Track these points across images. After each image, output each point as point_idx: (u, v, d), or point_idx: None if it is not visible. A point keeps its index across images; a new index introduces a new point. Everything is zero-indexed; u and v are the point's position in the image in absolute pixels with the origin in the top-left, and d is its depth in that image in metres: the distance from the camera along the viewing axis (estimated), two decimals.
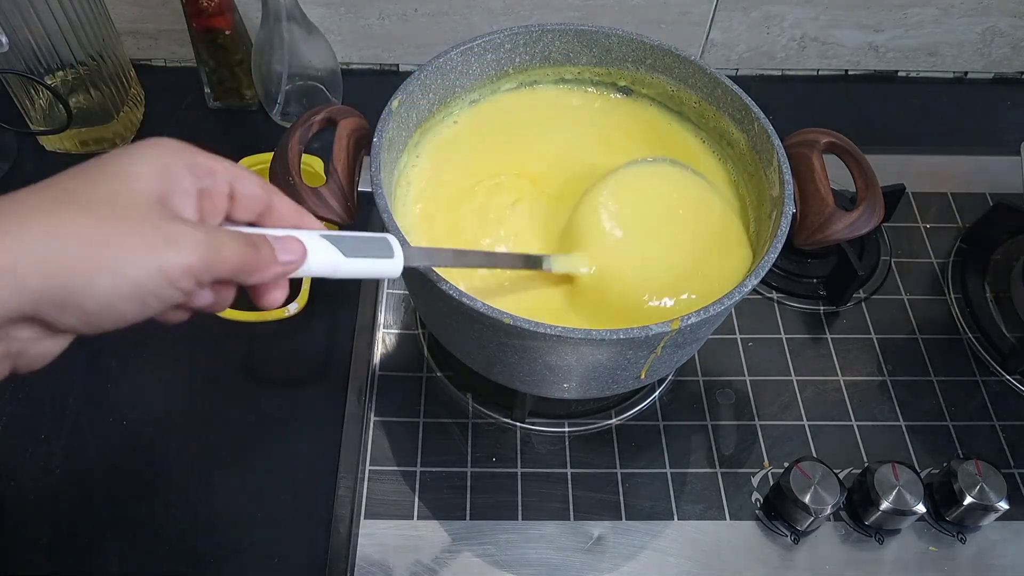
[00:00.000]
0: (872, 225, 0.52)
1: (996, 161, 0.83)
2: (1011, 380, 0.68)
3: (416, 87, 0.57)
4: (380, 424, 0.64)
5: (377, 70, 0.91)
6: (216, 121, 0.86)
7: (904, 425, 0.66)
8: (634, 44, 0.60)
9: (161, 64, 0.90)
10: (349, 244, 0.38)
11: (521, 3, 0.84)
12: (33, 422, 0.63)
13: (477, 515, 0.60)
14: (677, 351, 0.52)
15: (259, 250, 0.35)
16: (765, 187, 0.56)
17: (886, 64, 0.92)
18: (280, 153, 0.51)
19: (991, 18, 0.87)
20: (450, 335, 0.56)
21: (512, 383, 0.56)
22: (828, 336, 0.71)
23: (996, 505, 0.57)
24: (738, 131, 0.59)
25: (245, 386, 0.67)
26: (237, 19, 0.79)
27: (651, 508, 0.61)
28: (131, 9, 0.84)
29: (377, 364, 0.68)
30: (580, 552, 0.58)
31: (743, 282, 0.48)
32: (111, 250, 0.29)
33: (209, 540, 0.58)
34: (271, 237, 0.36)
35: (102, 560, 0.57)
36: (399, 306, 0.71)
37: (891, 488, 0.57)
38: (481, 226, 0.57)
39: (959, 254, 0.76)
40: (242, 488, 0.61)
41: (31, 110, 0.77)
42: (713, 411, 0.66)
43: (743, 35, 0.88)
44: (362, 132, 0.54)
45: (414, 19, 0.85)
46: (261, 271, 0.35)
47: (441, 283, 0.46)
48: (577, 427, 0.65)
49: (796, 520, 0.58)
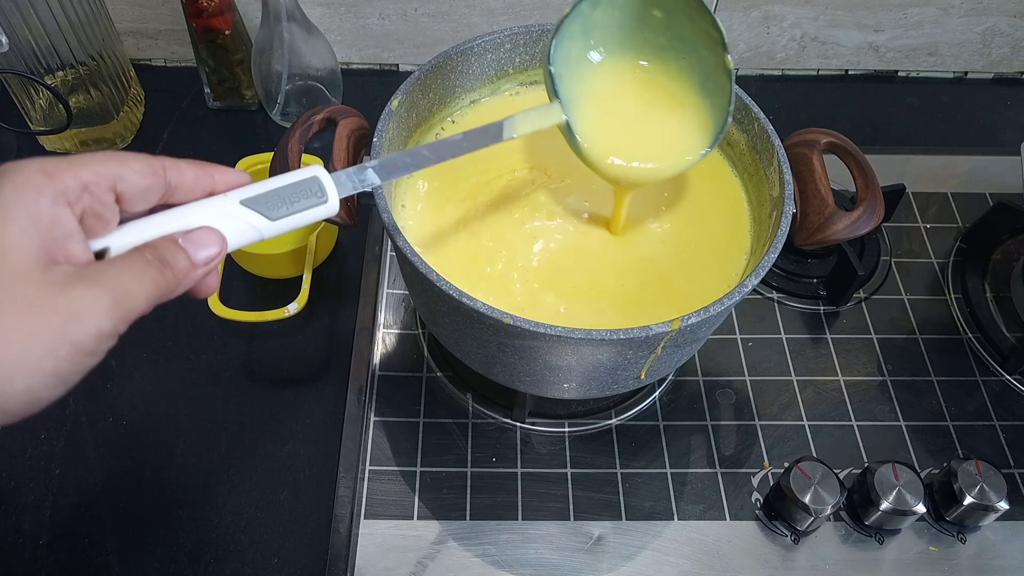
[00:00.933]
0: (872, 225, 0.52)
1: (996, 161, 0.83)
2: (1011, 380, 0.68)
3: (416, 87, 0.57)
4: (380, 424, 0.64)
5: (377, 70, 0.91)
6: (216, 121, 0.86)
7: (904, 425, 0.66)
8: None
9: (161, 64, 0.90)
10: (273, 201, 0.34)
11: (521, 3, 0.84)
12: (33, 422, 0.63)
13: (477, 515, 0.60)
14: (677, 351, 0.52)
15: (172, 265, 0.32)
16: (765, 187, 0.56)
17: (886, 64, 0.92)
18: (280, 153, 0.51)
19: (991, 18, 0.87)
20: (450, 335, 0.56)
21: (512, 383, 0.56)
22: (828, 336, 0.71)
23: (996, 505, 0.57)
24: (738, 131, 0.59)
25: (245, 386, 0.67)
26: (237, 19, 0.79)
27: (651, 508, 0.61)
28: (131, 9, 0.84)
29: (377, 364, 0.68)
30: (580, 552, 0.58)
31: (743, 282, 0.48)
32: (16, 353, 0.27)
33: (209, 540, 0.58)
34: (182, 235, 0.32)
35: (102, 560, 0.57)
36: (399, 306, 0.71)
37: (891, 488, 0.57)
38: (487, 217, 0.57)
39: (959, 254, 0.76)
40: (242, 488, 0.61)
41: (31, 110, 0.77)
42: (713, 411, 0.66)
43: (743, 35, 0.88)
44: (362, 132, 0.54)
45: (414, 19, 0.85)
46: (183, 283, 0.32)
47: (441, 282, 0.46)
48: (577, 427, 0.65)
49: (796, 520, 0.58)
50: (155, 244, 0.32)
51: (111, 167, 0.31)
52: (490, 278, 0.54)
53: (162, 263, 0.31)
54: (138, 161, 0.32)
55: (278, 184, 0.35)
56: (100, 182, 0.31)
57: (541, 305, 0.53)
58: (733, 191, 0.60)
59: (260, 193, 0.34)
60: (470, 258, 0.55)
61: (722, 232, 0.57)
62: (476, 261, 0.55)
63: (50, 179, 0.30)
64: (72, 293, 0.29)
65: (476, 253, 0.55)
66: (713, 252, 0.56)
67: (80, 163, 0.31)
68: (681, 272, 0.55)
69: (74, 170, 0.30)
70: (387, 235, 0.51)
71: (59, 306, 0.28)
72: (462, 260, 0.55)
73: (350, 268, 0.74)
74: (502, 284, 0.54)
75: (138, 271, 0.30)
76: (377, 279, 0.72)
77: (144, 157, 0.33)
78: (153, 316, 0.32)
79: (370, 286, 0.72)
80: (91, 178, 0.31)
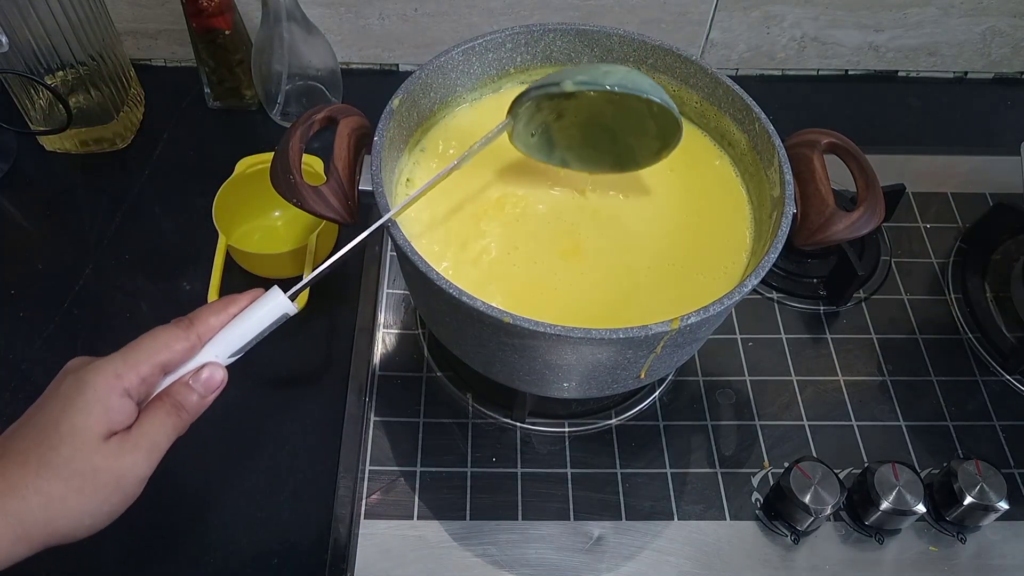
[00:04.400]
0: (872, 225, 0.52)
1: (996, 161, 0.83)
2: (1011, 380, 0.68)
3: (417, 86, 0.57)
4: (380, 424, 0.64)
5: (377, 70, 0.91)
6: (216, 121, 0.86)
7: (904, 425, 0.66)
8: (635, 44, 0.60)
9: (161, 64, 0.90)
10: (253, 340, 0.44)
11: (521, 3, 0.84)
12: None
13: (477, 515, 0.60)
14: (677, 351, 0.52)
15: (185, 406, 0.42)
16: (766, 187, 0.56)
17: (886, 64, 0.92)
18: (281, 152, 0.51)
19: (991, 18, 0.87)
20: (450, 334, 0.56)
21: (512, 382, 0.56)
22: (828, 336, 0.71)
23: (996, 505, 0.57)
24: (739, 131, 0.59)
25: (245, 386, 0.67)
26: (237, 19, 0.79)
27: (651, 508, 0.61)
28: (131, 9, 0.84)
29: (377, 364, 0.68)
30: (580, 552, 0.58)
31: (743, 282, 0.48)
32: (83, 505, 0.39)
33: (209, 540, 0.58)
34: (191, 376, 0.43)
35: (102, 560, 0.57)
36: (399, 306, 0.71)
37: (891, 488, 0.57)
38: (488, 217, 0.57)
39: (959, 254, 0.76)
40: (242, 488, 0.61)
41: (31, 110, 0.77)
42: (713, 411, 0.66)
43: (743, 35, 0.88)
44: (363, 131, 0.54)
45: (414, 19, 0.85)
46: (198, 413, 0.43)
47: (441, 281, 0.46)
48: (577, 427, 0.65)
49: (796, 520, 0.58)
50: (171, 390, 0.42)
51: (161, 357, 0.42)
52: (490, 271, 0.54)
53: (176, 408, 0.42)
54: (179, 343, 0.42)
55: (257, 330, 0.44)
56: (154, 371, 0.41)
57: (541, 304, 0.53)
58: (734, 191, 0.60)
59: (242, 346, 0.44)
60: (467, 252, 0.55)
61: (722, 232, 0.57)
62: (469, 249, 0.55)
63: (119, 380, 0.40)
64: (123, 461, 0.40)
65: (467, 240, 0.55)
66: (713, 252, 0.56)
67: (138, 361, 0.41)
68: (681, 271, 0.55)
69: (136, 369, 0.41)
70: (387, 235, 0.51)
71: (113, 469, 0.40)
72: (459, 253, 0.55)
73: (350, 268, 0.74)
74: (502, 280, 0.54)
75: (160, 423, 0.41)
76: (377, 279, 0.72)
77: (182, 335, 0.42)
78: (153, 317, 0.32)
79: (370, 286, 0.72)
80: (148, 371, 0.41)
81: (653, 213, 0.58)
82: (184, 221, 0.77)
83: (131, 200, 0.78)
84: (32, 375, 0.65)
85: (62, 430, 0.39)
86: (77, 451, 0.39)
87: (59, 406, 0.40)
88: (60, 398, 0.40)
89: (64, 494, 0.39)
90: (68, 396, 0.40)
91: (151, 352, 0.42)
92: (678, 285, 0.55)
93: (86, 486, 0.39)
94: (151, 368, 0.41)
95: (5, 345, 0.67)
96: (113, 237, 0.75)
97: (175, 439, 0.42)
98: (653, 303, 0.54)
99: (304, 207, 0.50)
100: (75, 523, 0.40)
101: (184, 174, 0.81)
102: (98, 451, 0.39)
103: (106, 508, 0.40)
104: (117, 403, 0.40)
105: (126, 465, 0.40)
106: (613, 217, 0.58)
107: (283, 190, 0.50)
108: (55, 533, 0.39)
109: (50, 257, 0.74)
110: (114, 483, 0.40)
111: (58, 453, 0.39)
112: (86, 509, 0.40)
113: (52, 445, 0.39)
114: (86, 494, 0.39)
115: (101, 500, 0.40)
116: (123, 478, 0.40)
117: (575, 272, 0.55)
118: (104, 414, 0.40)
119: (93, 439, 0.39)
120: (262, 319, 0.44)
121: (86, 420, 0.39)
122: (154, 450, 0.41)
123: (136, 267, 0.73)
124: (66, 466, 0.39)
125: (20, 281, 0.72)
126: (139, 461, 0.40)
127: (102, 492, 0.40)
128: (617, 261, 0.56)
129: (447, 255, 0.55)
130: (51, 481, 0.39)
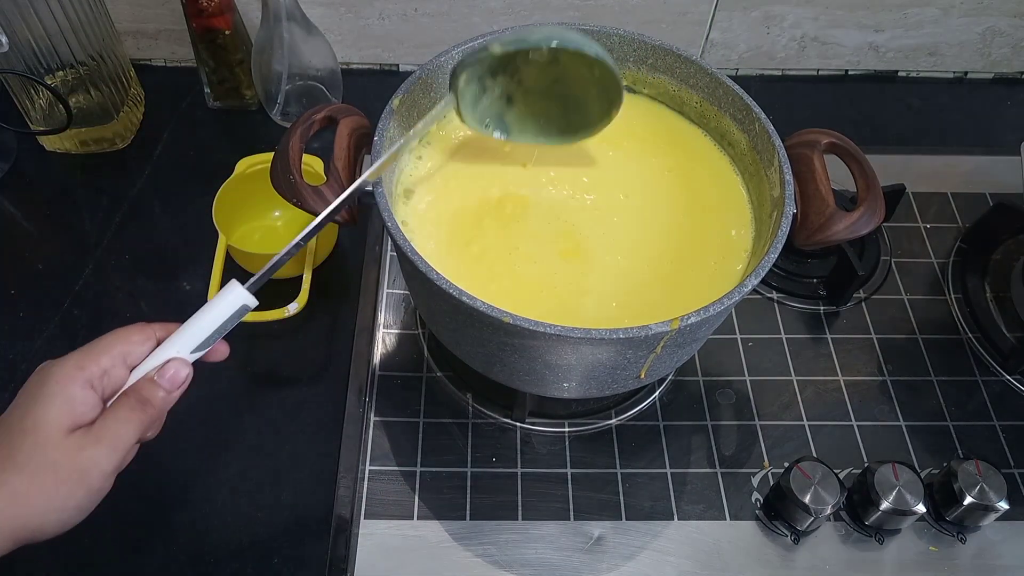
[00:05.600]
0: (873, 225, 0.52)
1: (996, 161, 0.83)
2: (1011, 380, 0.68)
3: (417, 86, 0.57)
4: (380, 424, 0.64)
5: (377, 70, 0.91)
6: (216, 121, 0.86)
7: (904, 425, 0.66)
8: (636, 44, 0.60)
9: (161, 64, 0.90)
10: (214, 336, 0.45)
11: (521, 3, 0.84)
12: None
13: (477, 515, 0.60)
14: (677, 351, 0.52)
15: (151, 401, 0.42)
16: (766, 187, 0.56)
17: (886, 64, 0.92)
18: (281, 152, 0.51)
19: (991, 18, 0.87)
20: (450, 334, 0.56)
21: (512, 382, 0.56)
22: (828, 336, 0.71)
23: (996, 505, 0.57)
24: (739, 131, 0.59)
25: (245, 386, 0.67)
26: (237, 19, 0.79)
27: (651, 508, 0.61)
28: (131, 9, 0.84)
29: (377, 364, 0.68)
30: (580, 552, 0.58)
31: (743, 282, 0.48)
32: (46, 502, 0.39)
33: (209, 540, 0.58)
34: (156, 372, 0.43)
35: (102, 561, 0.57)
36: (399, 306, 0.71)
37: (891, 488, 0.57)
38: (488, 217, 0.57)
39: (959, 254, 0.76)
40: (242, 488, 0.61)
41: (31, 110, 0.77)
42: (713, 411, 0.66)
43: (743, 35, 0.88)
44: (363, 131, 0.54)
45: (414, 19, 0.85)
46: (163, 410, 0.43)
47: (441, 282, 0.46)
48: (577, 427, 0.65)
49: (796, 520, 0.58)
50: (136, 386, 0.43)
51: (121, 348, 0.42)
52: (490, 271, 0.54)
53: (142, 403, 0.42)
54: (136, 334, 0.43)
55: (217, 323, 0.44)
56: (115, 363, 0.42)
57: (541, 304, 0.53)
58: (734, 191, 0.60)
59: (204, 339, 0.44)
60: (467, 252, 0.55)
61: (722, 232, 0.57)
62: (470, 249, 0.55)
63: (80, 371, 0.41)
64: (84, 454, 0.40)
65: (468, 240, 0.55)
66: (713, 252, 0.56)
67: (99, 352, 0.42)
68: (681, 271, 0.55)
69: (97, 360, 0.41)
70: (387, 234, 0.51)
71: (76, 465, 0.39)
72: (461, 255, 0.55)
73: (350, 268, 0.74)
74: (503, 280, 0.54)
75: (124, 417, 0.41)
76: (377, 279, 0.72)
77: (140, 328, 0.44)
78: (153, 317, 0.33)
79: (370, 286, 0.72)
80: (109, 363, 0.42)
81: (653, 213, 0.58)
82: (184, 221, 0.77)
83: (131, 200, 0.78)
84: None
85: (25, 425, 0.39)
86: (38, 446, 0.39)
87: (24, 402, 0.41)
88: (26, 394, 0.41)
89: (27, 489, 0.39)
90: (31, 391, 0.41)
91: (110, 343, 0.42)
92: (678, 285, 0.55)
93: (47, 481, 0.39)
94: (112, 360, 0.42)
95: (5, 345, 0.67)
96: (113, 237, 0.75)
97: (141, 434, 0.42)
98: (653, 303, 0.54)
99: (304, 207, 0.50)
100: (41, 518, 0.39)
101: (184, 174, 0.81)
102: (59, 445, 0.39)
103: (72, 503, 0.40)
104: (80, 394, 0.40)
105: (87, 459, 0.40)
106: (613, 217, 0.58)
107: (283, 190, 0.51)
108: (23, 528, 0.39)
109: (50, 257, 0.74)
110: (77, 477, 0.39)
111: (20, 448, 0.39)
112: (51, 504, 0.39)
113: (16, 441, 0.39)
114: (48, 488, 0.39)
115: (65, 495, 0.39)
116: (86, 472, 0.40)
117: (575, 272, 0.55)
118: (66, 404, 0.40)
119: (55, 433, 0.39)
120: (222, 312, 0.44)
121: (47, 412, 0.40)
122: (118, 444, 0.41)
123: (136, 267, 0.73)
124: (28, 461, 0.39)
125: (20, 281, 0.72)
126: (101, 455, 0.40)
127: (65, 487, 0.39)
128: (617, 261, 0.56)
129: (447, 255, 0.55)
130: (14, 476, 0.39)
